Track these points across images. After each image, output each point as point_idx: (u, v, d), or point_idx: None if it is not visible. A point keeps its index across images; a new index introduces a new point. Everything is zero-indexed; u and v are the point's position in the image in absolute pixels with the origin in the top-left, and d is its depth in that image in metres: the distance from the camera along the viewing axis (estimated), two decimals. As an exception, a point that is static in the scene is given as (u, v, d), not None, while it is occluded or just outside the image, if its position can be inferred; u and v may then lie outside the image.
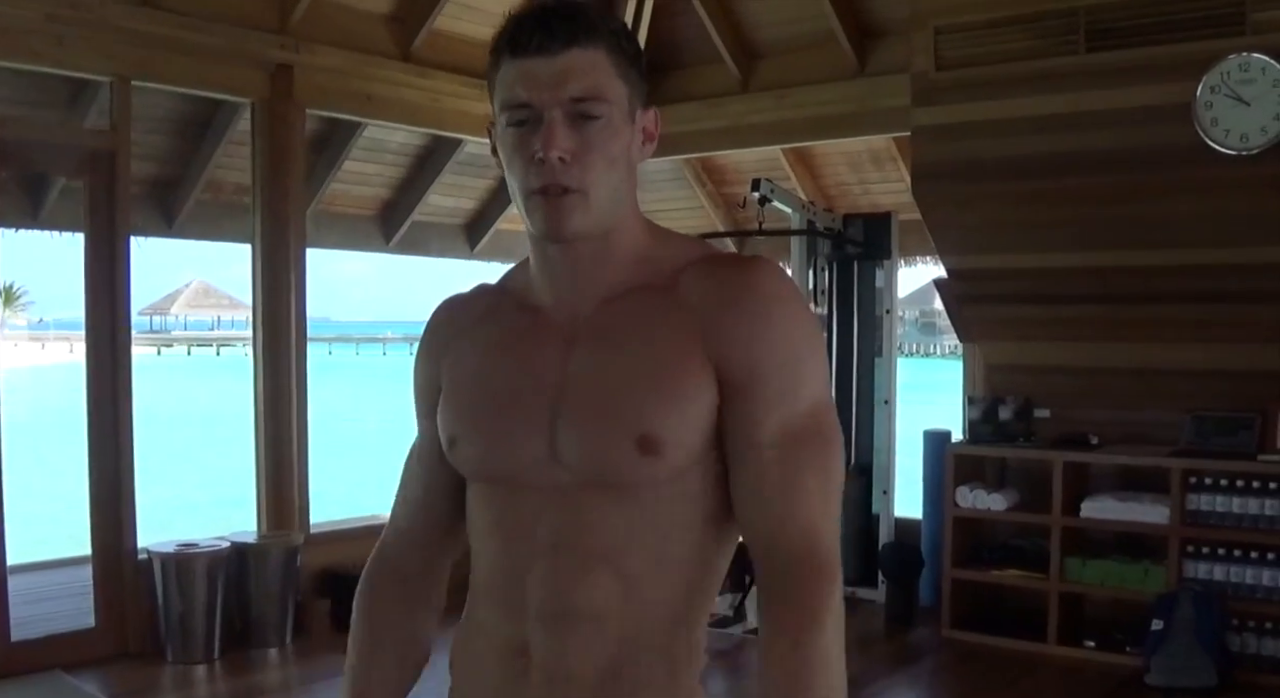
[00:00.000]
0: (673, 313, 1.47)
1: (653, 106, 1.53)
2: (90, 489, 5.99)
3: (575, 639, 1.47)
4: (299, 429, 6.65)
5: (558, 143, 1.40)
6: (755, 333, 1.43)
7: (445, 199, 8.54)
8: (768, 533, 1.44)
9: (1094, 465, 6.37)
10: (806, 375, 1.46)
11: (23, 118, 6.26)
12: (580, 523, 1.47)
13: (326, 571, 6.63)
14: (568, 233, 1.44)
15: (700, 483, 1.47)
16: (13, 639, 5.65)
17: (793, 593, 1.41)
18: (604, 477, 1.45)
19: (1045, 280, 6.27)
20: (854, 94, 7.29)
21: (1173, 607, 5.69)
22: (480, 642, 1.58)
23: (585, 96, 1.41)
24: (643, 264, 1.51)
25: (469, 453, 1.55)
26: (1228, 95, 5.41)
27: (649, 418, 1.42)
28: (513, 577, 1.51)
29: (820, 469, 1.46)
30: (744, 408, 1.44)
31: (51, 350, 44.94)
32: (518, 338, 1.55)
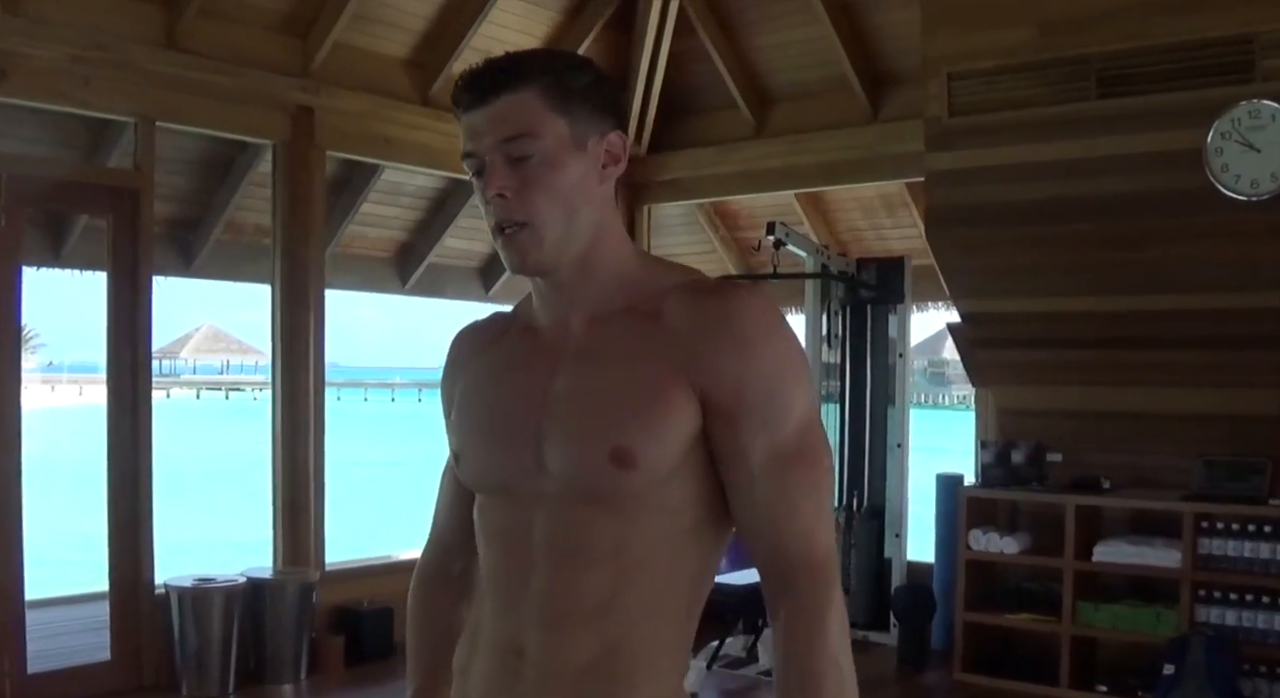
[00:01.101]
0: (655, 336, 1.54)
1: (616, 130, 1.59)
2: (109, 523, 6.04)
3: (565, 639, 1.55)
4: (315, 467, 6.69)
5: (495, 182, 1.53)
6: (739, 360, 1.51)
7: (461, 242, 8.61)
8: (767, 547, 1.54)
9: (1106, 509, 6.38)
10: (791, 398, 1.53)
11: (48, 157, 6.34)
12: (568, 532, 1.55)
13: (341, 608, 6.67)
14: (526, 266, 1.57)
15: (680, 497, 1.55)
16: (29, 672, 5.68)
17: (796, 600, 1.51)
18: (584, 489, 1.54)
19: (1057, 325, 6.31)
20: (867, 140, 7.38)
21: (1184, 651, 5.69)
22: (481, 642, 1.67)
23: (514, 136, 1.52)
24: (629, 287, 1.59)
25: (469, 467, 1.67)
26: (1238, 141, 5.47)
27: (624, 433, 1.50)
28: (511, 581, 1.60)
29: (811, 486, 1.54)
30: (733, 433, 1.52)
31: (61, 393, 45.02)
32: (515, 360, 1.66)
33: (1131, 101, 5.71)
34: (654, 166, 8.38)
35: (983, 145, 6.13)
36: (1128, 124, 5.71)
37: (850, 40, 7.24)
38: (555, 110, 1.53)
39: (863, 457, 7.57)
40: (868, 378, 7.58)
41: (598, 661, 1.55)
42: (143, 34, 5.94)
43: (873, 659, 6.95)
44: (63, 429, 23.74)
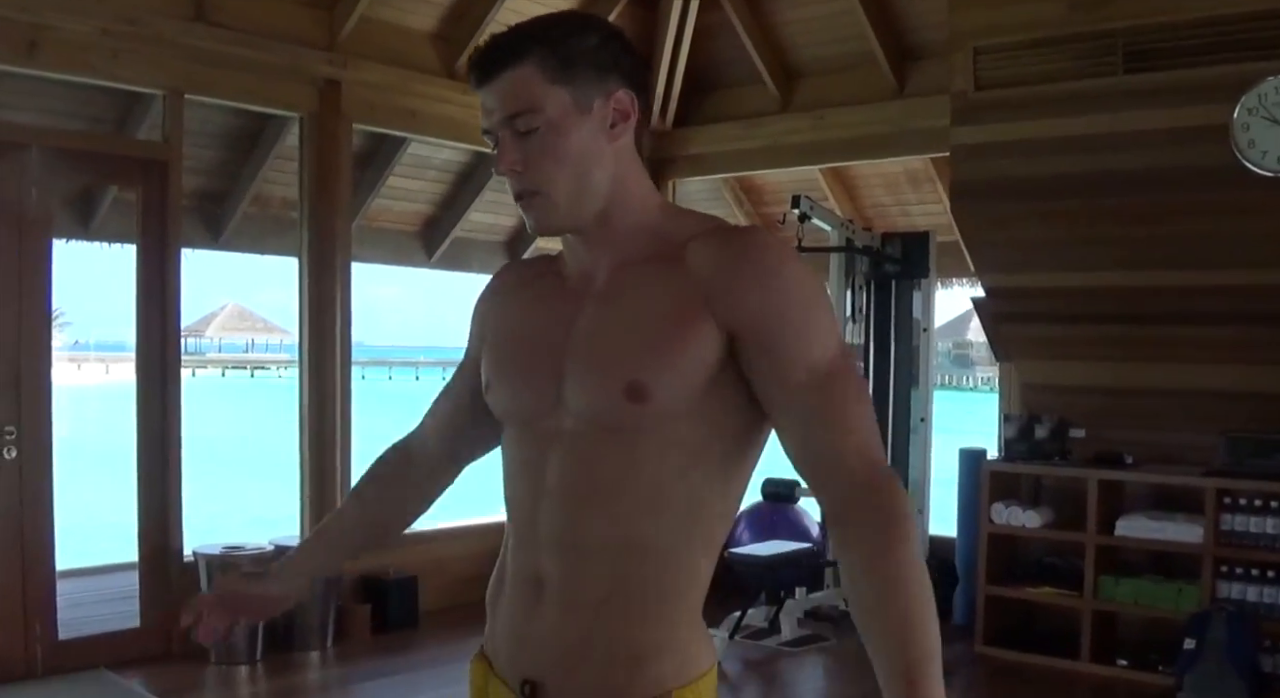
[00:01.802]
0: (676, 278, 1.60)
1: (622, 87, 1.64)
2: (138, 492, 6.11)
3: (578, 569, 1.62)
4: (342, 434, 6.75)
5: (504, 159, 1.62)
6: (763, 288, 1.56)
7: (486, 216, 8.65)
8: (825, 465, 1.56)
9: (1128, 485, 6.40)
10: (818, 320, 1.59)
11: (77, 130, 6.40)
12: (581, 464, 1.62)
13: (367, 577, 6.75)
14: (542, 230, 1.66)
15: (698, 433, 1.59)
16: (60, 638, 5.76)
17: (864, 514, 1.52)
18: (599, 421, 1.60)
19: (1082, 300, 6.32)
20: (892, 115, 7.37)
21: (1205, 626, 5.71)
22: (507, 571, 1.74)
23: (516, 113, 1.60)
24: (654, 238, 1.66)
25: (497, 397, 1.75)
26: (1265, 117, 5.46)
27: (638, 368, 1.56)
28: (528, 512, 1.67)
29: (857, 397, 1.59)
30: (769, 359, 1.56)
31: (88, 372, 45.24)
32: (545, 300, 1.74)
33: (1158, 77, 5.70)
34: (679, 141, 8.39)
35: (1008, 120, 6.12)
36: (1154, 99, 5.70)
37: (876, 15, 7.23)
38: (554, 80, 1.59)
39: (886, 431, 7.57)
40: (891, 353, 7.58)
41: (613, 593, 1.60)
42: (171, 7, 5.97)
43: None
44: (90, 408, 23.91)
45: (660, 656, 1.62)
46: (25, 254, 5.64)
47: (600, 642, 1.61)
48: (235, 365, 57.50)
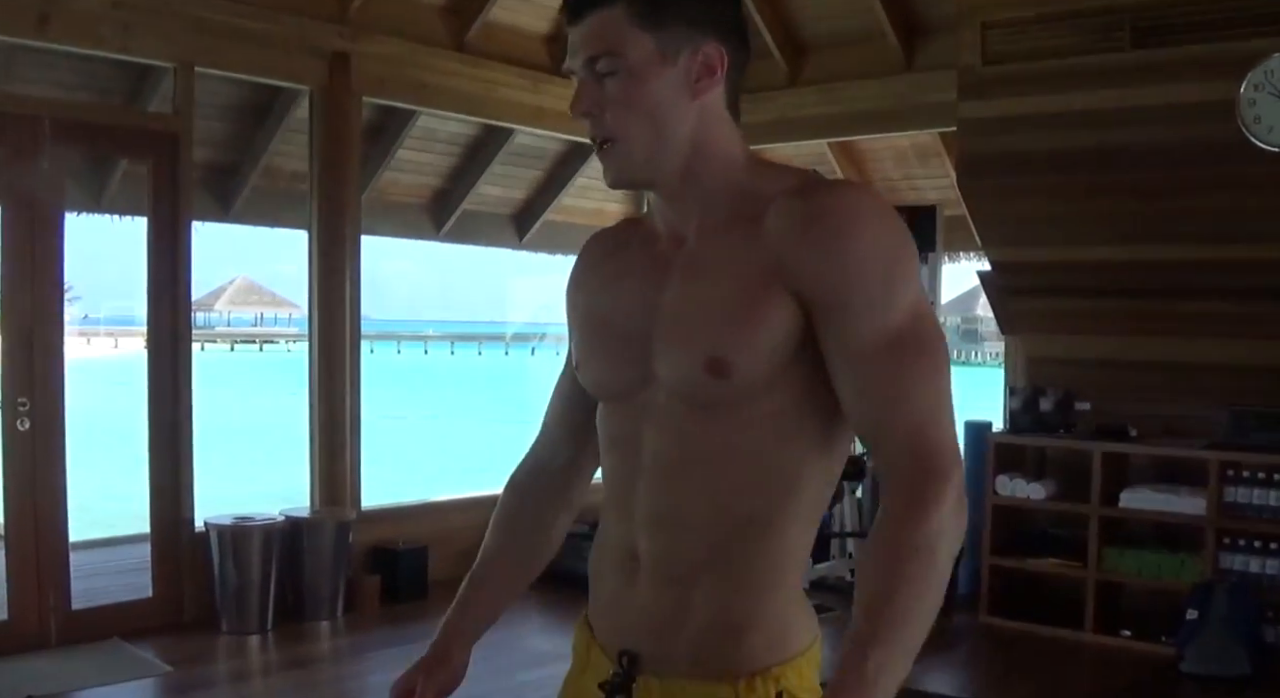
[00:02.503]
0: (753, 244, 1.53)
1: (713, 41, 1.57)
2: (150, 464, 6.17)
3: (673, 543, 1.59)
4: (352, 405, 6.82)
5: (579, 102, 1.58)
6: (830, 252, 1.48)
7: (495, 189, 8.67)
8: (877, 437, 1.51)
9: (1133, 457, 6.42)
10: (895, 285, 1.49)
11: (88, 102, 6.43)
12: (673, 438, 1.58)
13: (377, 547, 6.82)
14: (619, 180, 1.61)
15: (783, 405, 1.54)
16: (73, 608, 5.83)
17: (902, 489, 1.47)
18: (687, 396, 1.57)
19: (1088, 274, 6.34)
20: (901, 89, 7.39)
21: (1208, 597, 5.75)
22: (605, 548, 1.72)
23: (597, 55, 1.55)
24: (738, 196, 1.58)
25: (588, 374, 1.71)
26: (1271, 93, 5.48)
27: (719, 344, 1.51)
28: (624, 487, 1.65)
29: (922, 371, 1.49)
30: (835, 324, 1.49)
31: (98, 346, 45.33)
32: (631, 270, 1.68)
33: (1165, 52, 5.73)
34: (687, 115, 8.39)
35: (1016, 94, 6.16)
36: (1161, 75, 5.73)
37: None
38: (642, 26, 1.53)
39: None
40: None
41: (709, 567, 1.57)
42: (182, -20, 6.00)
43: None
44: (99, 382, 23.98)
45: (758, 629, 1.58)
46: (38, 227, 5.69)
47: (696, 615, 1.58)
48: (244, 339, 57.58)
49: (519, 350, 53.50)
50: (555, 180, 8.88)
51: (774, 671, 1.57)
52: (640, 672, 1.62)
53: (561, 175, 8.86)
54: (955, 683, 5.95)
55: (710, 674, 1.57)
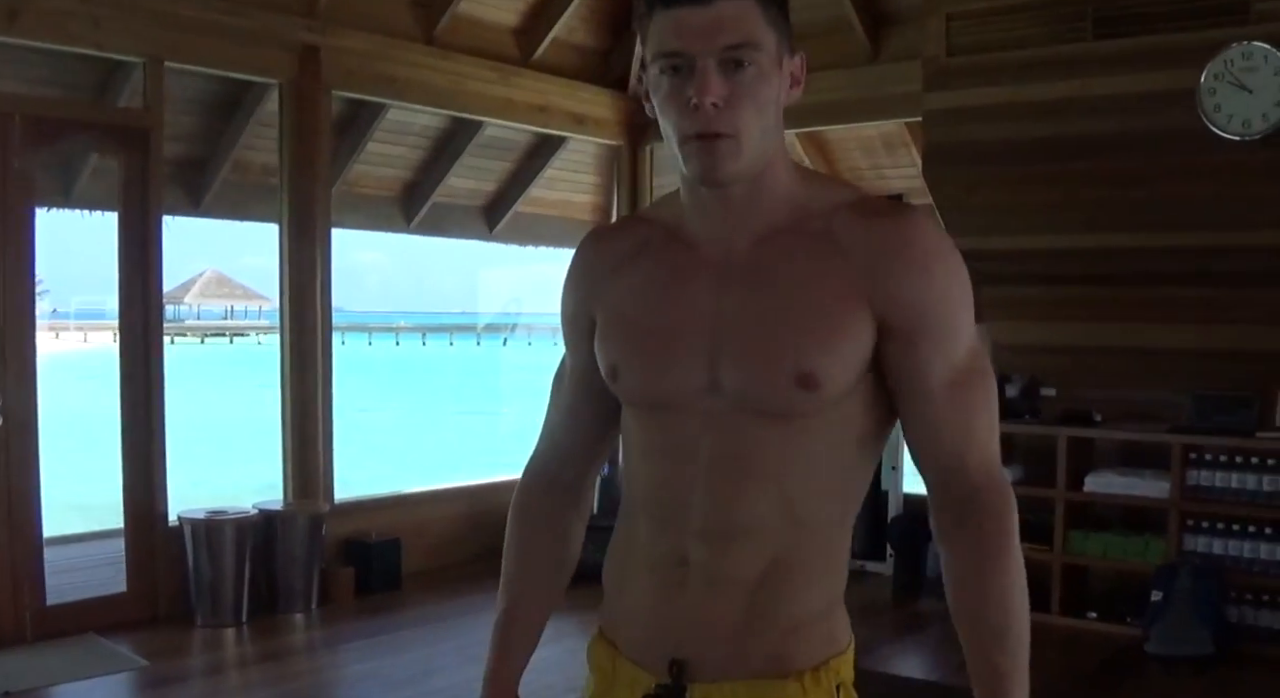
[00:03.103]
0: (829, 257, 1.54)
1: (799, 52, 1.58)
2: (123, 458, 6.19)
3: (733, 550, 1.59)
4: (324, 398, 6.85)
5: (712, 90, 1.46)
6: (919, 283, 1.52)
7: (465, 181, 8.69)
8: (947, 469, 1.58)
9: (1097, 441, 6.51)
10: (964, 321, 1.56)
11: (58, 98, 6.43)
12: (739, 446, 1.57)
13: (350, 540, 6.85)
14: (722, 177, 1.51)
15: (849, 415, 1.58)
16: (48, 603, 5.84)
17: (983, 516, 1.57)
18: (763, 407, 1.56)
19: (1052, 262, 6.43)
20: (867, 80, 7.46)
21: (1172, 579, 5.85)
22: (639, 553, 1.68)
23: (738, 44, 1.47)
24: (794, 206, 1.58)
25: (630, 381, 1.64)
26: (1231, 82, 5.56)
27: (809, 357, 1.52)
28: (674, 495, 1.61)
29: (987, 407, 1.58)
30: (911, 352, 1.53)
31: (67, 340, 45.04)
32: (673, 276, 1.63)
33: (1127, 43, 5.83)
34: (656, 107, 8.44)
35: (980, 85, 6.24)
36: (1123, 65, 5.82)
37: (851, -20, 7.30)
38: (769, 23, 1.50)
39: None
40: (866, 315, 7.68)
41: (769, 571, 1.59)
42: (151, -26, 6.01)
43: (870, 588, 7.14)
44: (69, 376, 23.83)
45: (815, 627, 1.62)
46: (8, 222, 5.69)
47: (757, 619, 1.59)
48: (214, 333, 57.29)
49: (491, 341, 53.48)
50: (525, 172, 8.90)
51: (831, 663, 1.63)
52: (694, 678, 1.61)
53: (531, 167, 8.88)
54: (925, 667, 6.04)
55: (772, 673, 1.59)
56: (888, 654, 6.03)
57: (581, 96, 8.46)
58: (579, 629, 1.77)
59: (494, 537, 2.06)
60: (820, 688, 1.60)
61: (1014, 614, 1.58)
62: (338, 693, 5.48)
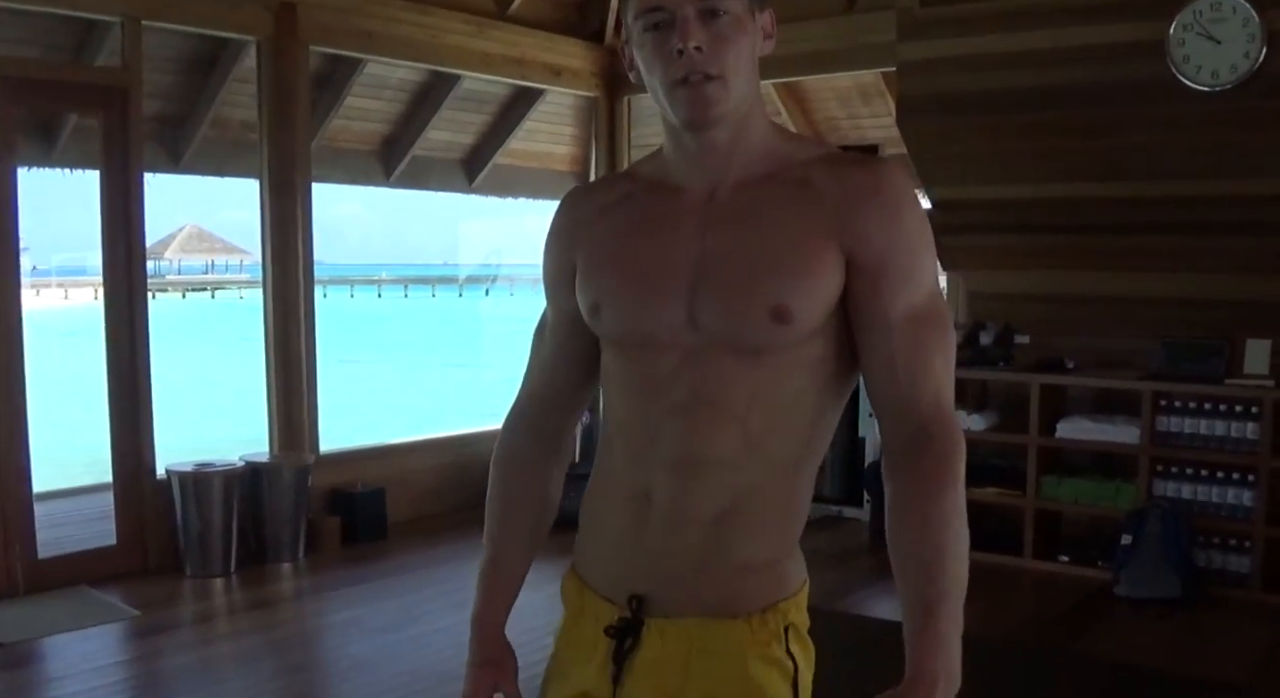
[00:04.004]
0: (806, 202, 1.64)
1: (770, 9, 1.69)
2: (110, 413, 6.26)
3: (696, 486, 1.66)
4: (307, 352, 6.93)
5: (692, 35, 1.58)
6: (886, 226, 1.61)
7: (444, 134, 8.71)
8: (900, 402, 1.65)
9: (1070, 389, 6.63)
10: (926, 265, 1.65)
11: (37, 58, 6.45)
12: (712, 382, 1.65)
13: (336, 490, 6.95)
14: (712, 116, 1.62)
15: (820, 351, 1.66)
16: (40, 557, 5.94)
17: (925, 456, 1.62)
18: (737, 342, 1.63)
19: (1025, 211, 6.50)
20: (843, 30, 7.51)
21: (1142, 523, 5.98)
22: (610, 489, 1.77)
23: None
24: (771, 157, 1.68)
25: (611, 317, 1.72)
26: (1200, 33, 5.64)
27: (782, 292, 1.60)
28: (646, 429, 1.70)
29: (942, 349, 1.66)
30: (875, 290, 1.62)
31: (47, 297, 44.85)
32: (656, 218, 1.72)
33: (1097, -7, 5.87)
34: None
35: (953, 36, 6.30)
36: (1094, 16, 5.89)
37: (826, -70, 7.34)
38: None
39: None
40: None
41: (723, 512, 1.66)
42: (127, -68, 6.02)
43: (846, 533, 7.30)
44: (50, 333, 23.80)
45: (770, 568, 1.69)
46: (-10, 182, 5.73)
47: (714, 557, 1.66)
48: (196, 287, 57.11)
49: (473, 292, 53.48)
50: (503, 125, 8.93)
51: (781, 606, 1.69)
52: (650, 613, 1.69)
53: (509, 120, 8.91)
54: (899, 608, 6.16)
55: (723, 613, 1.67)
56: (864, 598, 6.16)
57: (558, 49, 8.48)
58: (561, 576, 1.86)
59: (477, 486, 2.14)
60: (767, 629, 1.67)
61: (948, 551, 1.59)
62: (325, 639, 5.58)
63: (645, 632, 1.70)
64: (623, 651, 1.71)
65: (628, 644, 1.71)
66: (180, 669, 5.07)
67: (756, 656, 1.67)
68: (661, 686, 1.69)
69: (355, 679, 4.71)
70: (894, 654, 1.62)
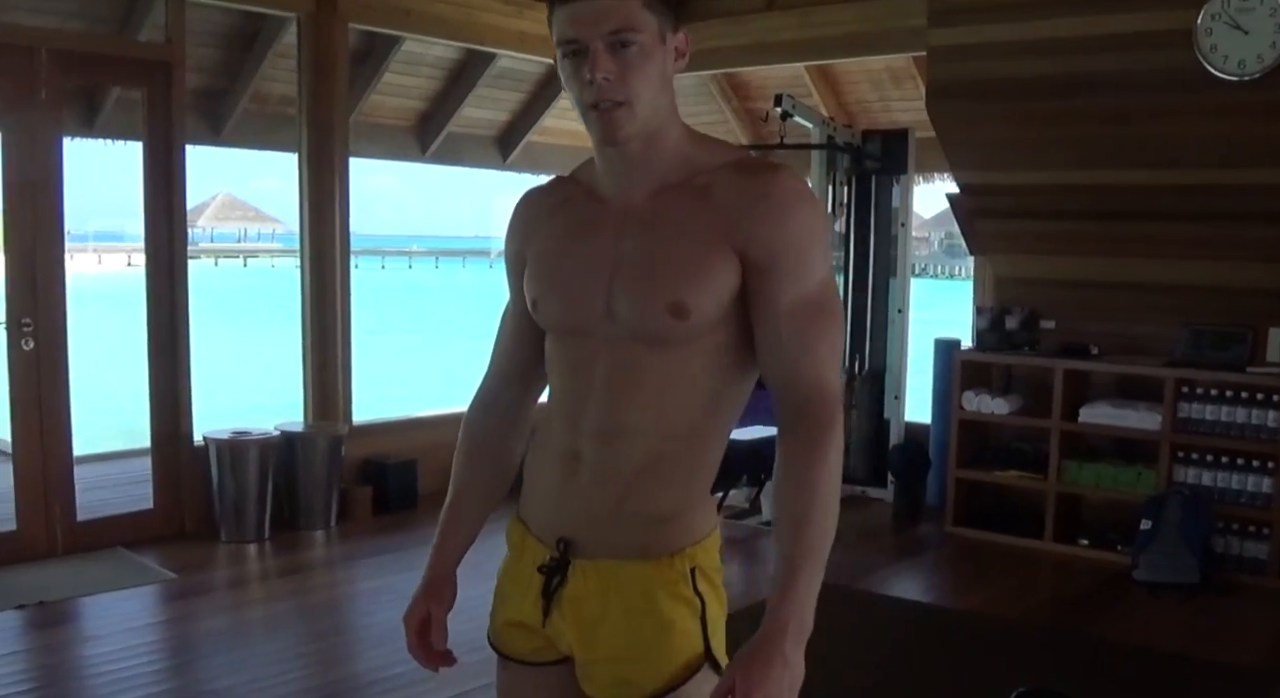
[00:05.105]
0: (705, 209, 1.83)
1: (682, 29, 1.86)
2: (150, 380, 6.41)
3: (616, 450, 1.89)
4: (342, 325, 7.06)
5: (602, 67, 1.77)
6: (774, 227, 1.80)
7: (479, 111, 8.82)
8: (785, 381, 1.84)
9: (1093, 374, 6.68)
10: (814, 261, 1.83)
11: (84, 32, 6.57)
12: (627, 365, 1.88)
13: (368, 460, 7.08)
14: (620, 137, 1.82)
15: (722, 339, 1.86)
16: (79, 519, 6.09)
17: (808, 423, 1.81)
18: (645, 333, 1.86)
19: (1052, 197, 6.55)
20: (875, 13, 7.52)
21: (1161, 508, 6.04)
22: (547, 451, 2.00)
23: (619, 29, 1.77)
24: (684, 164, 1.88)
25: (547, 311, 1.97)
26: (1227, 23, 5.66)
27: (679, 290, 1.81)
28: (575, 404, 1.94)
29: (827, 336, 1.84)
30: (765, 284, 1.81)
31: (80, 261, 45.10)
32: (585, 224, 1.94)
33: (1126, -19, 5.90)
34: (667, 39, 8.56)
35: (983, 22, 6.33)
36: (1122, 4, 5.91)
37: (861, -86, 7.37)
38: (648, 8, 1.79)
39: (865, 323, 7.86)
40: (871, 247, 7.84)
41: (644, 468, 1.88)
42: (173, -90, 6.12)
43: (871, 513, 7.38)
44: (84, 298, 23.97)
45: (678, 519, 1.90)
46: (37, 152, 5.86)
47: (629, 508, 1.89)
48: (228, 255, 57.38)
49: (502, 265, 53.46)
50: (537, 102, 9.03)
51: (687, 551, 1.90)
52: (575, 555, 1.93)
53: (543, 98, 9.00)
54: (921, 589, 6.25)
55: (637, 555, 1.90)
56: (886, 576, 6.25)
57: (593, 29, 8.53)
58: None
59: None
60: (675, 570, 1.89)
61: (815, 510, 1.76)
62: (355, 606, 5.71)
63: (571, 571, 1.94)
64: (550, 587, 1.95)
65: (555, 582, 1.95)
66: (214, 631, 5.20)
67: (666, 593, 1.88)
68: (581, 616, 1.93)
69: (384, 645, 4.83)
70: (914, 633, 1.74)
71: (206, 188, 61.76)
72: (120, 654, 4.79)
